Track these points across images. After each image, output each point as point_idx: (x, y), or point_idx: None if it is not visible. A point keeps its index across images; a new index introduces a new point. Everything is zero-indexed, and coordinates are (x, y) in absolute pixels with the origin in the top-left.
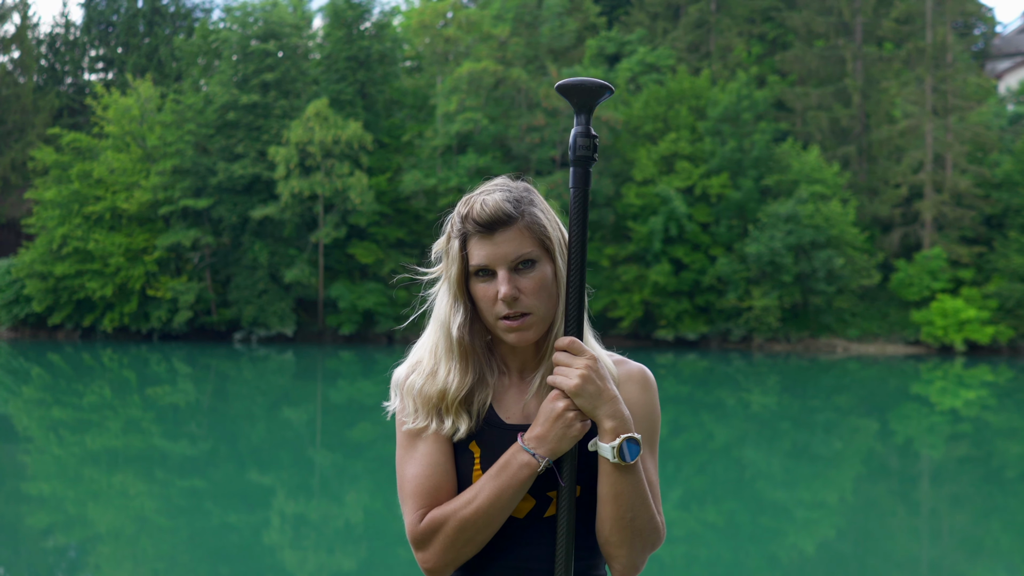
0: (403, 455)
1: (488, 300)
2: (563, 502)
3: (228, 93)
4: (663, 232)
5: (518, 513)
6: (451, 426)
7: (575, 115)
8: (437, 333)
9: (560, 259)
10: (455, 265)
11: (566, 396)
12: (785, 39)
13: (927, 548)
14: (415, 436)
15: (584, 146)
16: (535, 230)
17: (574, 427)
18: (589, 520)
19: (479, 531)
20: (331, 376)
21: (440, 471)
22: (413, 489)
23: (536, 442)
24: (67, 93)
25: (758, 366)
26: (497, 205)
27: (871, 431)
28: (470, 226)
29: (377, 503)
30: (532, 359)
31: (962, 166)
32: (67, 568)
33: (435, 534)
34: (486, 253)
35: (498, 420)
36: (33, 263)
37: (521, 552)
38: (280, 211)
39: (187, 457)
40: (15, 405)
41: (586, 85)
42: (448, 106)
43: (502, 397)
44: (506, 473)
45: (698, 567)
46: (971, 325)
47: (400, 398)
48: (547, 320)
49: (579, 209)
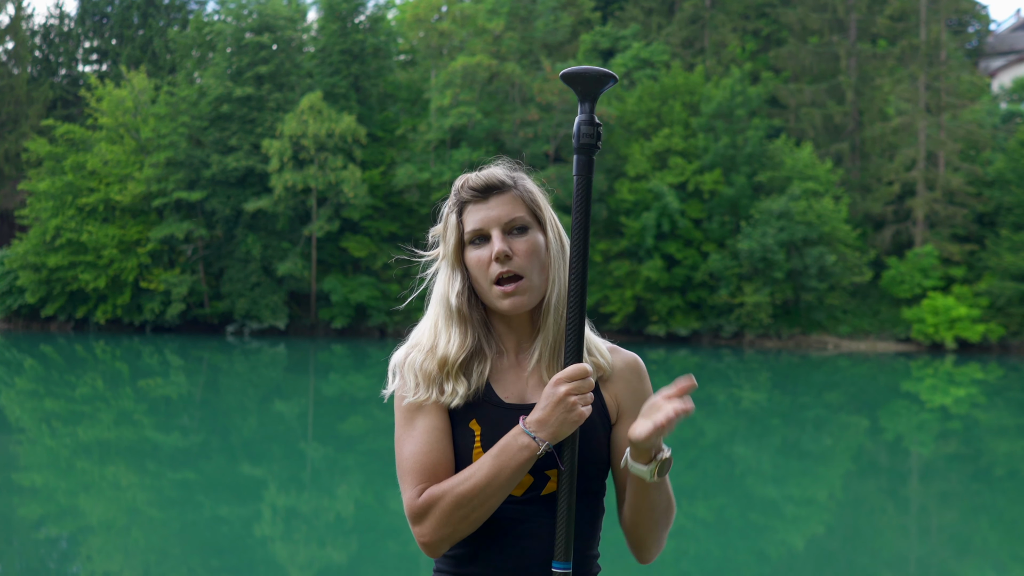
0: (402, 433)
1: (482, 265)
2: (563, 486)
3: (222, 86)
4: (656, 228)
5: (516, 491)
6: (451, 392)
7: (579, 103)
8: (436, 309)
9: (551, 233)
10: (452, 235)
11: (568, 380)
12: (779, 35)
13: (915, 545)
14: (414, 413)
15: (588, 134)
16: (527, 199)
17: (575, 412)
18: (587, 501)
19: (474, 508)
20: (323, 369)
21: (438, 448)
22: (412, 466)
23: (537, 426)
24: (61, 84)
25: (749, 362)
26: (492, 172)
27: (861, 428)
28: (466, 193)
29: (368, 496)
30: (528, 335)
31: (955, 164)
32: (58, 559)
33: (432, 509)
34: (481, 216)
35: (496, 399)
36: (26, 254)
37: (518, 529)
38: (273, 204)
39: (179, 449)
40: (8, 396)
41: (590, 74)
42: (442, 100)
43: (500, 377)
44: (506, 454)
45: (687, 562)
46: (962, 323)
47: (400, 376)
48: (540, 289)
49: (582, 196)
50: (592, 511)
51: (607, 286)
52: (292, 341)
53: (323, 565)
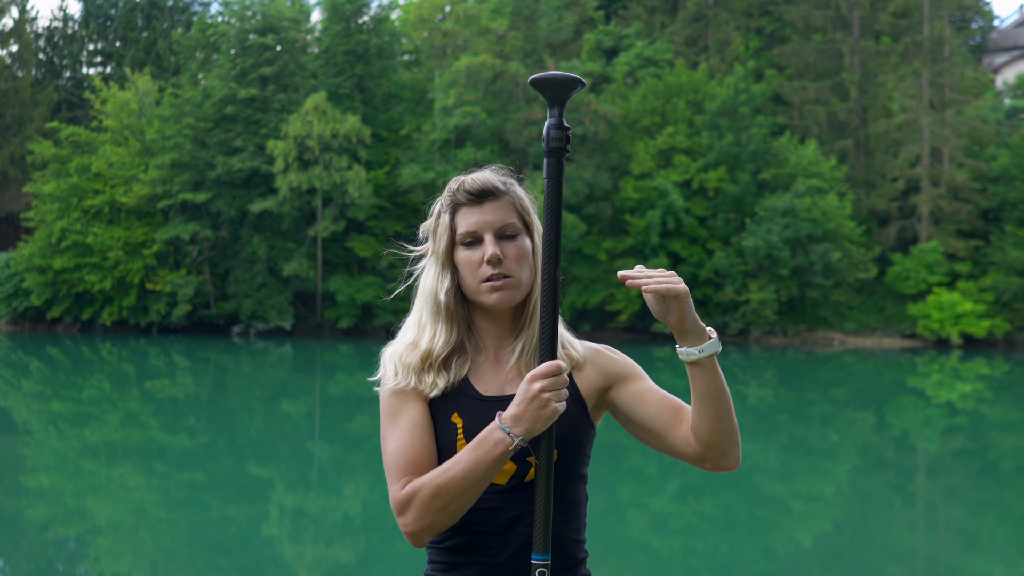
0: (386, 429)
1: (472, 265)
2: (540, 480)
3: (226, 87)
4: (660, 226)
5: (500, 479)
6: (431, 384)
7: (548, 108)
8: (422, 305)
9: (538, 240)
10: (445, 236)
11: (543, 377)
12: (783, 33)
13: (923, 541)
14: (397, 407)
15: (557, 138)
16: (518, 206)
17: (549, 408)
18: (568, 486)
19: (452, 499)
20: (329, 369)
21: (421, 442)
22: (396, 460)
23: (512, 421)
24: (65, 87)
25: (755, 359)
26: (487, 178)
27: (867, 424)
28: (461, 196)
29: (375, 496)
30: (509, 333)
31: (959, 160)
32: (66, 560)
33: (413, 500)
34: (475, 220)
35: (475, 392)
36: (32, 257)
37: (504, 518)
38: (278, 205)
39: (186, 450)
40: (14, 398)
41: (558, 79)
42: (446, 100)
43: (478, 372)
44: (482, 448)
45: (695, 559)
46: (967, 319)
47: (383, 367)
48: (526, 288)
49: (553, 198)
50: (574, 496)
51: (613, 284)
52: (298, 341)
53: (331, 565)
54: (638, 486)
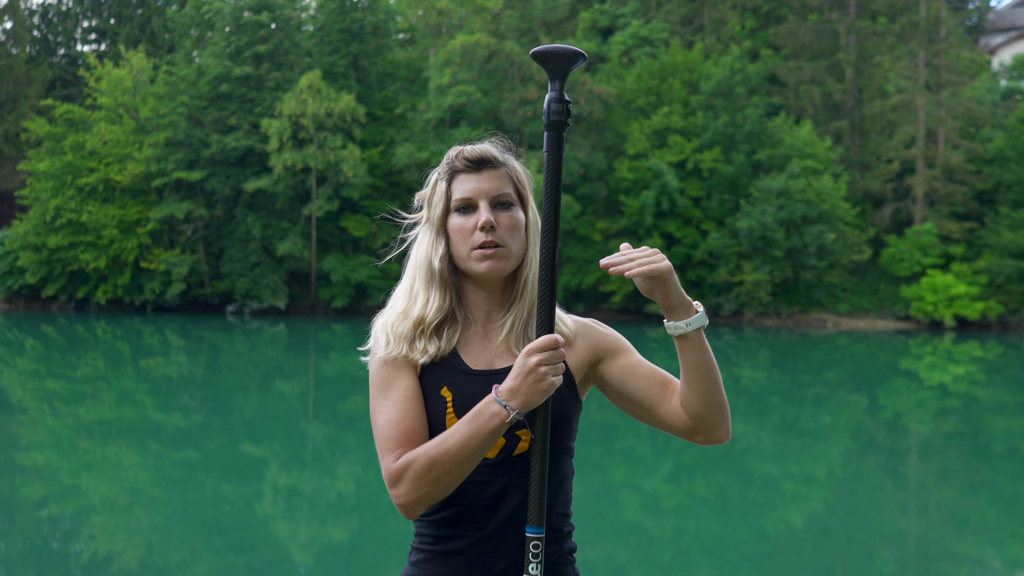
0: (377, 403)
1: (465, 232)
2: (536, 454)
3: (221, 65)
4: (655, 206)
5: (490, 453)
6: (421, 350)
7: (549, 81)
8: (414, 272)
9: (532, 215)
10: (440, 202)
11: (540, 351)
12: (779, 13)
13: (915, 522)
14: (389, 378)
15: (557, 111)
16: (515, 178)
17: (545, 381)
18: (556, 460)
19: (447, 472)
20: (323, 349)
21: (412, 415)
22: (388, 433)
23: (508, 395)
24: (60, 64)
25: (748, 340)
26: (486, 147)
27: (860, 406)
28: (459, 163)
29: (369, 475)
30: (499, 307)
31: (954, 141)
32: (61, 538)
33: (406, 472)
34: (471, 187)
35: (464, 366)
36: (27, 235)
37: (492, 491)
38: (273, 184)
39: (180, 429)
40: (9, 377)
41: (560, 52)
42: (441, 79)
43: (467, 345)
44: (478, 421)
45: (687, 539)
46: (961, 301)
47: (373, 336)
48: (517, 259)
49: (553, 172)
50: (562, 470)
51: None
52: (292, 320)
53: (325, 543)
54: (630, 467)
